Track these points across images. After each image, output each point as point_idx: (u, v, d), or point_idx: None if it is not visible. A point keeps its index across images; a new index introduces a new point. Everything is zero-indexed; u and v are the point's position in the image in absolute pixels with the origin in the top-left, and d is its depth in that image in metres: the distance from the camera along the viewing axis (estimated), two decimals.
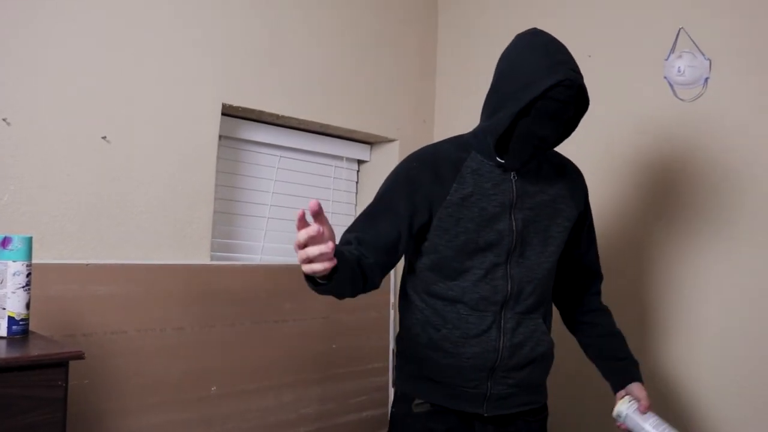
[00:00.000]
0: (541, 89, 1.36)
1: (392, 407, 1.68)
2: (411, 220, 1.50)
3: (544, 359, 1.60)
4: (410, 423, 1.60)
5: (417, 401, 1.58)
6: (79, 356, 1.29)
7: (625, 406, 1.58)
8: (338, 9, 2.41)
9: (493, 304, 1.52)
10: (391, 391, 2.51)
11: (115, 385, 1.78)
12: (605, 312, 1.72)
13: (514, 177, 1.53)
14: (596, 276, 1.73)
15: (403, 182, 1.53)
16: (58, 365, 1.27)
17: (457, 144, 1.59)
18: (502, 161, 1.50)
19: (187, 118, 1.99)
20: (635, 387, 1.60)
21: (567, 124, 1.49)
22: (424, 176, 1.51)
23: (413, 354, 1.60)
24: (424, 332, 1.57)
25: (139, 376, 1.83)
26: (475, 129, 1.58)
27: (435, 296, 1.56)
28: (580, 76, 1.41)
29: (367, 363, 2.45)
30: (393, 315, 2.55)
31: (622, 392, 1.62)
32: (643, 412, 1.56)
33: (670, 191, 2.07)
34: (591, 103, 1.47)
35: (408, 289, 1.63)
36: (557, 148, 1.59)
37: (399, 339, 1.67)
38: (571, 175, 1.63)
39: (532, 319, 1.56)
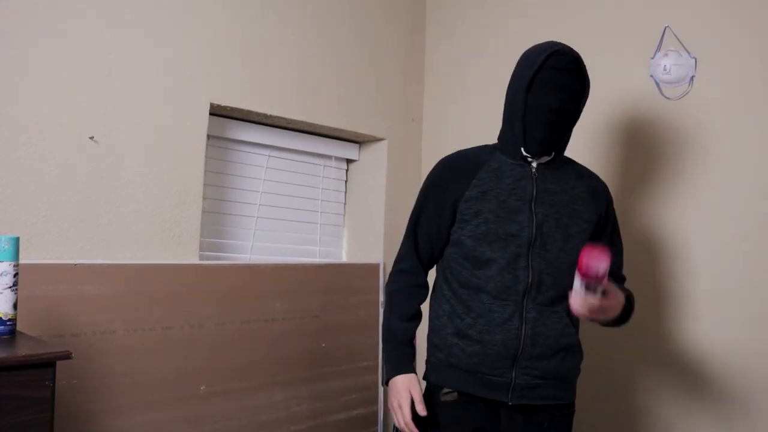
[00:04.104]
0: (540, 61, 1.57)
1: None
2: (440, 220, 1.69)
3: (572, 352, 1.64)
4: (438, 413, 1.63)
5: (445, 390, 1.64)
6: (67, 356, 1.30)
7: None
8: (326, 7, 2.41)
9: (515, 293, 1.59)
10: (380, 390, 2.51)
11: (103, 384, 1.78)
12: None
13: (534, 175, 1.63)
14: (616, 280, 1.67)
15: (431, 189, 1.73)
16: (45, 365, 1.27)
17: (483, 148, 1.74)
18: (527, 154, 1.62)
19: (176, 117, 1.99)
20: None
21: (576, 102, 1.61)
22: (447, 178, 1.70)
23: (442, 343, 1.67)
24: (451, 322, 1.65)
25: (128, 376, 1.83)
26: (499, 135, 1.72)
27: (462, 285, 1.65)
28: (575, 51, 1.60)
29: (357, 362, 2.45)
30: (381, 314, 2.56)
31: None
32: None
33: (656, 189, 2.09)
34: None
35: (440, 280, 1.73)
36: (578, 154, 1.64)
37: (429, 331, 1.73)
38: (592, 182, 1.73)
39: (556, 312, 1.61)
